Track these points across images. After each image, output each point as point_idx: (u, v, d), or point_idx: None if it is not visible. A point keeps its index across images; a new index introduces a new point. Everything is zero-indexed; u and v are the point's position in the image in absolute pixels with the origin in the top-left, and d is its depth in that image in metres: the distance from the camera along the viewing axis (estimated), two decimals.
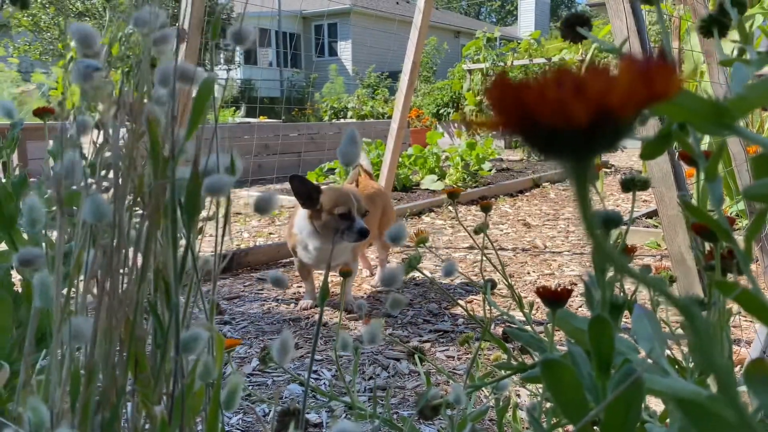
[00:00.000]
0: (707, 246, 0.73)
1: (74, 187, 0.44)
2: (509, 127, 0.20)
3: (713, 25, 0.58)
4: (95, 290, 0.43)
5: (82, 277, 0.45)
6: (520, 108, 0.19)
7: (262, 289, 2.80)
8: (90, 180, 0.43)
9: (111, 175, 0.46)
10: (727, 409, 0.22)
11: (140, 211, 0.44)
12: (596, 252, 0.21)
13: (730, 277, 0.61)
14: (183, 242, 0.46)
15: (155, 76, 0.42)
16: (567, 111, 0.18)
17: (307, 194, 2.25)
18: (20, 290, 1.03)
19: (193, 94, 0.55)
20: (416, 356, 1.09)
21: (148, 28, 0.43)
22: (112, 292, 0.39)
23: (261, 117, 10.05)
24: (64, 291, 0.42)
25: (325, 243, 2.28)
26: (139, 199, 0.42)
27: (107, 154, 0.66)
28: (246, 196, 4.32)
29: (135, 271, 0.40)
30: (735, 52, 0.56)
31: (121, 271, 0.41)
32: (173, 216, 0.39)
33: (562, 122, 0.19)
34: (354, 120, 11.54)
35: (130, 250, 0.41)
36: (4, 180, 1.07)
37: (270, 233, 3.95)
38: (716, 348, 0.21)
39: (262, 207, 0.46)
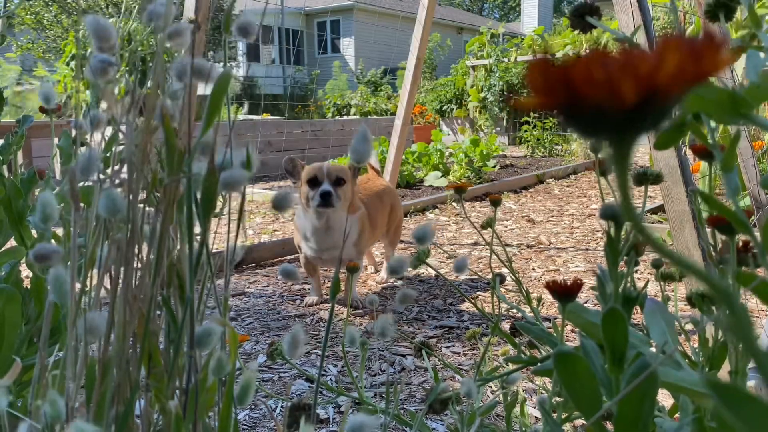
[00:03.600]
0: (715, 240, 0.73)
1: (87, 183, 0.43)
2: (552, 108, 0.20)
3: (719, 9, 0.57)
4: (108, 285, 0.43)
5: (93, 272, 0.45)
6: (564, 88, 0.19)
7: (267, 286, 2.80)
8: (103, 175, 0.43)
9: (124, 169, 0.46)
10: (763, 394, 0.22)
11: (148, 207, 0.44)
12: (640, 236, 0.21)
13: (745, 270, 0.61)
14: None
15: (172, 69, 0.42)
16: (615, 90, 0.18)
17: (293, 170, 2.40)
18: (29, 286, 1.03)
19: (200, 90, 0.55)
20: (423, 351, 1.09)
21: (162, 21, 0.42)
22: (126, 287, 0.39)
23: (264, 114, 10.05)
24: (78, 286, 0.42)
25: (315, 222, 2.34)
26: (153, 194, 0.42)
27: (118, 148, 0.66)
28: (250, 194, 4.32)
29: (149, 265, 0.40)
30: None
31: (135, 265, 0.41)
32: (189, 211, 0.39)
33: (609, 102, 0.18)
34: (357, 117, 11.54)
35: (143, 245, 0.41)
36: (11, 177, 1.07)
37: (274, 230, 3.95)
38: (753, 330, 0.21)
39: (280, 205, 0.46)
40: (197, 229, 0.43)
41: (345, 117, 12.03)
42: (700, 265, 1.46)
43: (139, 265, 0.40)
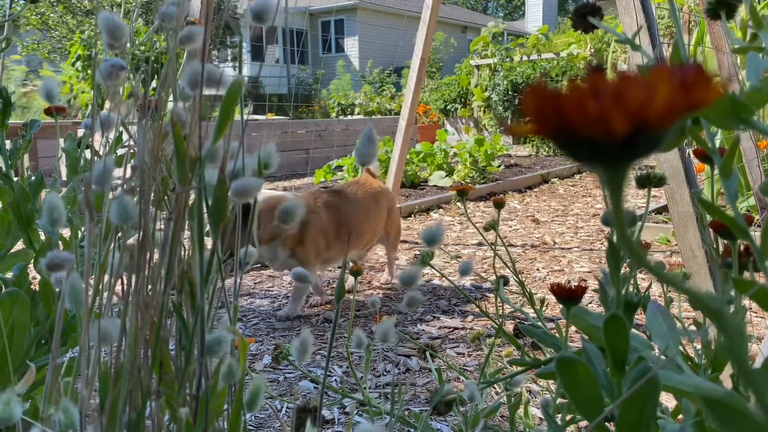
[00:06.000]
0: (717, 242, 0.73)
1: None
2: (545, 135, 0.20)
3: (720, 8, 0.57)
4: (119, 291, 0.44)
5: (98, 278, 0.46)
6: (557, 117, 0.19)
7: (272, 287, 2.81)
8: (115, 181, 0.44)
9: (129, 174, 0.47)
10: (753, 408, 0.22)
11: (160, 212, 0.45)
12: (634, 258, 0.21)
13: (747, 274, 0.61)
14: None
15: (183, 77, 0.43)
16: (606, 122, 0.19)
17: None
18: (37, 288, 1.04)
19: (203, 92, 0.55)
20: (427, 353, 1.09)
21: (173, 24, 0.43)
22: (138, 294, 0.40)
23: (269, 114, 10.07)
24: (90, 292, 0.43)
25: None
26: (164, 200, 0.42)
27: (121, 151, 0.67)
28: None
29: (161, 273, 0.41)
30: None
31: (146, 273, 0.41)
32: (200, 219, 0.40)
33: (600, 133, 0.19)
34: (361, 116, 11.54)
35: (155, 252, 0.42)
36: (18, 180, 1.08)
37: None
38: (746, 349, 0.21)
39: (286, 219, 0.47)
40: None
41: (349, 117, 12.03)
42: (705, 281, 1.46)
43: (150, 273, 0.41)
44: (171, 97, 0.47)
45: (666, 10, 7.38)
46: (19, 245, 1.10)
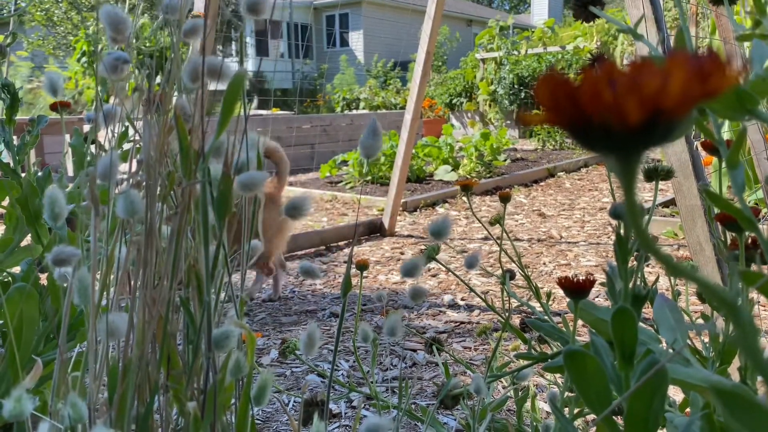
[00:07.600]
0: (725, 236, 0.73)
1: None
2: (559, 124, 0.20)
3: None
4: (127, 286, 0.44)
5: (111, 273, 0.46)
6: (571, 106, 0.19)
7: None
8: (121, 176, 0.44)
9: (134, 169, 0.47)
10: (762, 399, 0.22)
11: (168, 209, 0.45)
12: (647, 249, 0.21)
13: (754, 266, 0.61)
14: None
15: (184, 70, 0.43)
16: (622, 111, 0.18)
17: None
18: (46, 284, 1.04)
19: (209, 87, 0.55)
20: (434, 347, 1.09)
21: (177, 15, 0.43)
22: (145, 289, 0.40)
23: (273, 109, 10.06)
24: (98, 287, 0.43)
25: None
26: (170, 194, 0.42)
27: (126, 146, 0.67)
28: None
29: (167, 268, 0.41)
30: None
31: (153, 268, 0.41)
32: (204, 213, 0.40)
33: (616, 122, 0.19)
34: (366, 111, 11.52)
35: (161, 247, 0.42)
36: (25, 176, 1.09)
37: None
38: (759, 341, 0.21)
39: (294, 213, 0.46)
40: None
41: (354, 111, 12.01)
42: (713, 274, 1.45)
43: (157, 268, 0.41)
44: (175, 92, 0.47)
45: (674, 3, 7.33)
46: (27, 240, 1.11)
